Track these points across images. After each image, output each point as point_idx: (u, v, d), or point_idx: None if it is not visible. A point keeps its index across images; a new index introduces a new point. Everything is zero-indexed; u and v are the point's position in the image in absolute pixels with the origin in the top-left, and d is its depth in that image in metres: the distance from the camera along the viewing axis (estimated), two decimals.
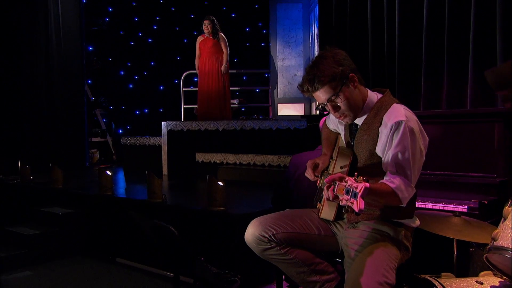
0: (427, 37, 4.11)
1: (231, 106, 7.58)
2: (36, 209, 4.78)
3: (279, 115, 8.36)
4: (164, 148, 6.16)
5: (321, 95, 1.97)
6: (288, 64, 8.54)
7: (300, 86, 2.00)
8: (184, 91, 7.97)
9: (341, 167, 2.07)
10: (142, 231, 2.54)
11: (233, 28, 9.28)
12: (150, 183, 3.94)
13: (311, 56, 8.28)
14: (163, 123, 6.19)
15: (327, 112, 2.19)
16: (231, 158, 5.63)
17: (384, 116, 1.98)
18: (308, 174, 2.21)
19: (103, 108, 9.12)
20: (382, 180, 1.92)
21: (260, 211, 3.48)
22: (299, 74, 8.43)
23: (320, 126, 2.61)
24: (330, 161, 2.25)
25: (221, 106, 7.01)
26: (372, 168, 2.01)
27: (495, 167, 2.80)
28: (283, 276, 2.55)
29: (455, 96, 3.92)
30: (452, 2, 3.91)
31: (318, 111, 2.13)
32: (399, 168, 1.90)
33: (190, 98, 8.14)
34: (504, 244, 1.72)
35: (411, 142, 1.90)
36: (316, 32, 7.36)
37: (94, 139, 8.55)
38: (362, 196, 1.55)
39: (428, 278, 1.98)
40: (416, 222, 2.11)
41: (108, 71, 9.46)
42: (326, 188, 1.71)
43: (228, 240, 3.37)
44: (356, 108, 2.01)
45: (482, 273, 2.05)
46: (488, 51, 3.66)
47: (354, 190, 1.57)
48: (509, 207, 1.78)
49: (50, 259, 4.30)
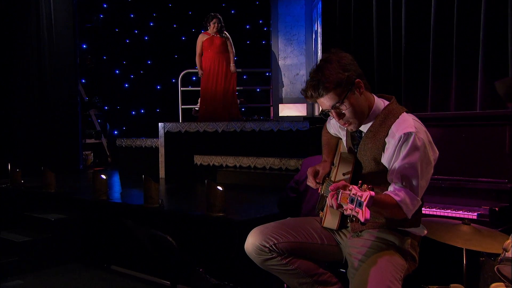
0: (435, 35, 4.09)
1: None
2: (27, 214, 4.78)
3: (281, 116, 8.35)
4: (161, 151, 6.16)
5: (325, 102, 1.96)
6: (290, 62, 8.52)
7: (304, 91, 1.99)
8: (182, 91, 7.95)
9: (343, 174, 2.06)
10: (138, 240, 2.54)
11: (232, 25, 9.26)
12: (146, 188, 3.93)
13: (313, 54, 8.27)
14: (160, 124, 6.18)
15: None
16: (230, 161, 5.62)
17: (392, 126, 1.97)
18: (310, 182, 2.20)
19: (97, 109, 9.11)
20: (386, 192, 1.91)
21: (261, 217, 3.48)
22: (301, 73, 8.42)
23: None
24: (331, 167, 2.24)
25: (229, 107, 7.01)
26: (376, 177, 2.00)
27: (506, 172, 2.78)
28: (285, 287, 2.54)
29: (464, 98, 3.90)
30: None
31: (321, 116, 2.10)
32: (405, 180, 1.89)
33: (189, 98, 8.13)
34: None
35: (420, 155, 1.89)
36: (319, 30, 7.33)
37: (88, 141, 8.54)
38: (368, 206, 1.55)
39: None
40: (424, 231, 2.09)
41: (102, 70, 9.46)
42: (329, 196, 1.71)
43: (227, 247, 3.36)
44: (361, 116, 2.00)
45: (494, 284, 2.03)
46: (500, 50, 3.64)
47: (359, 199, 1.56)
48: None
49: (42, 267, 4.29)
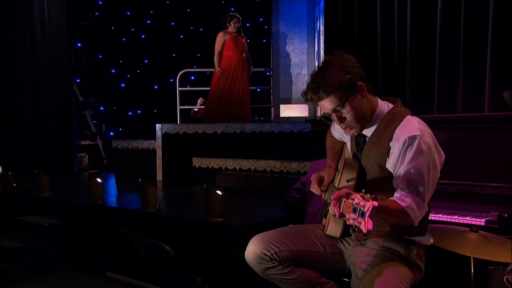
0: (441, 33, 4.09)
1: None
2: (19, 219, 4.75)
3: (282, 117, 8.34)
4: (159, 153, 6.15)
5: (326, 105, 1.96)
6: (291, 62, 8.51)
7: (304, 94, 2.00)
8: (180, 91, 7.93)
9: (347, 180, 2.07)
10: (135, 249, 2.53)
11: None
12: (143, 192, 3.92)
13: (315, 53, 8.27)
14: (157, 125, 6.17)
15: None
16: (230, 164, 5.61)
17: (396, 130, 1.97)
18: (314, 189, 2.20)
19: (92, 109, 9.10)
20: (392, 198, 1.91)
21: (261, 222, 3.48)
22: (303, 72, 8.41)
23: None
24: (335, 173, 2.24)
25: (243, 108, 7.01)
26: (381, 183, 2.00)
27: None
28: None
29: (472, 100, 3.90)
30: None
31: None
32: (411, 185, 1.88)
33: (187, 98, 8.12)
34: None
35: (426, 159, 1.89)
36: (322, 28, 7.34)
37: (83, 142, 8.54)
38: (370, 216, 1.54)
39: None
40: (430, 240, 2.09)
41: (98, 69, 9.45)
42: (332, 205, 1.71)
43: (227, 254, 3.35)
44: (363, 120, 2.00)
45: None
46: (509, 50, 3.64)
47: (362, 209, 1.56)
48: None
49: (34, 274, 4.26)
